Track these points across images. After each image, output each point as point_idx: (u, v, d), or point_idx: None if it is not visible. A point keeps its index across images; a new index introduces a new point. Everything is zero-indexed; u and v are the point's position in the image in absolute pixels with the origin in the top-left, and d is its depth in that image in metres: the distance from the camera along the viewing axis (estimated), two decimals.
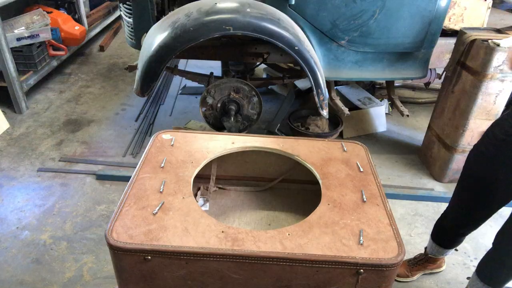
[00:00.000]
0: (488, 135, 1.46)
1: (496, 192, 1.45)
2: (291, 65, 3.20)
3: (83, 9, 4.42)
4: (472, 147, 1.54)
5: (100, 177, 2.59)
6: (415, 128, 3.32)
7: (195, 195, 1.55)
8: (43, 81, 3.74)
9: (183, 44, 2.17)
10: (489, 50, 2.17)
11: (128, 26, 2.82)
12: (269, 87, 3.82)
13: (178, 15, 2.24)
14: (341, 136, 3.08)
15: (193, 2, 2.34)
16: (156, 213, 1.11)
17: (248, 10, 2.19)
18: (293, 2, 2.37)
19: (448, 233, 1.77)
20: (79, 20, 4.36)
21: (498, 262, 1.47)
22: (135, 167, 1.31)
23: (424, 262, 1.94)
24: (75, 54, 4.34)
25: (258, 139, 1.52)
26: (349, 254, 1.00)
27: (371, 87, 3.64)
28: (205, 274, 1.04)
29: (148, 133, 3.10)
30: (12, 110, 3.31)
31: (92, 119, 3.28)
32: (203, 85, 2.90)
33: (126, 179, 2.18)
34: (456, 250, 2.07)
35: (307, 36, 2.44)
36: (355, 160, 1.41)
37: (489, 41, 2.20)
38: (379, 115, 3.21)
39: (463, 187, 1.61)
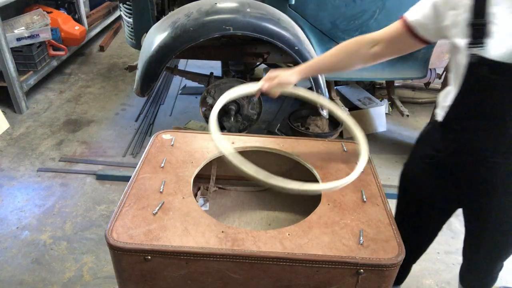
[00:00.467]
0: (416, 154, 1.33)
1: (434, 213, 1.35)
2: (291, 65, 3.20)
3: (83, 9, 4.42)
4: None
5: (100, 177, 2.58)
6: (415, 128, 3.32)
7: (195, 195, 1.55)
8: (43, 81, 3.74)
9: (183, 44, 2.17)
10: None
11: (128, 26, 2.82)
12: None
13: (178, 15, 2.24)
14: (341, 136, 3.08)
15: (193, 2, 2.34)
16: (156, 213, 1.11)
17: (248, 10, 2.19)
18: (293, 2, 2.37)
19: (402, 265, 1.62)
20: (79, 20, 4.36)
21: (472, 273, 1.43)
22: (135, 167, 1.31)
23: None
24: (75, 54, 4.34)
25: (258, 139, 1.52)
26: (349, 254, 1.00)
27: (371, 87, 3.64)
28: (205, 274, 1.04)
29: (148, 133, 3.10)
30: (12, 110, 3.31)
31: (92, 119, 3.28)
32: (203, 85, 2.91)
33: (126, 179, 2.17)
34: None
35: (307, 36, 2.43)
36: (355, 160, 1.40)
37: None
38: (379, 115, 3.21)
39: (399, 211, 1.46)
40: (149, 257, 1.01)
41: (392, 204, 1.30)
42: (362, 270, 0.99)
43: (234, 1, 2.25)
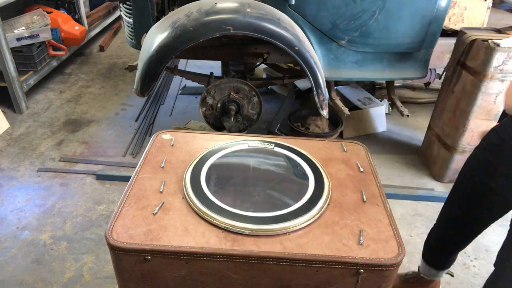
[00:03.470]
0: (484, 141, 1.37)
1: (489, 203, 1.36)
2: (291, 65, 3.20)
3: (83, 9, 4.42)
4: (472, 147, 1.49)
5: (100, 177, 2.59)
6: (415, 128, 3.32)
7: None
8: (43, 81, 3.74)
9: (183, 44, 2.17)
10: (489, 50, 2.17)
11: (128, 26, 2.82)
12: (269, 87, 3.82)
13: (178, 15, 2.24)
14: (341, 136, 3.08)
15: (193, 2, 2.34)
16: (156, 213, 1.11)
17: (248, 10, 2.19)
18: (293, 2, 2.37)
19: (438, 251, 1.65)
20: (79, 20, 4.36)
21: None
22: (135, 167, 1.31)
23: (415, 282, 1.79)
24: (75, 54, 4.35)
25: (258, 139, 1.52)
26: (349, 254, 1.00)
27: (371, 87, 3.64)
28: (205, 274, 1.04)
29: (148, 133, 3.10)
30: (12, 110, 3.31)
31: (92, 119, 3.28)
32: (203, 85, 2.91)
33: (126, 179, 2.18)
34: (452, 275, 1.85)
35: (307, 36, 2.44)
36: (355, 160, 1.40)
37: (489, 41, 2.20)
38: (379, 115, 3.21)
39: (454, 197, 1.51)
40: (149, 257, 1.01)
41: (392, 204, 1.31)
42: (362, 270, 0.99)
43: (234, 1, 2.25)
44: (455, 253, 1.64)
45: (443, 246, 1.62)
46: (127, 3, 2.71)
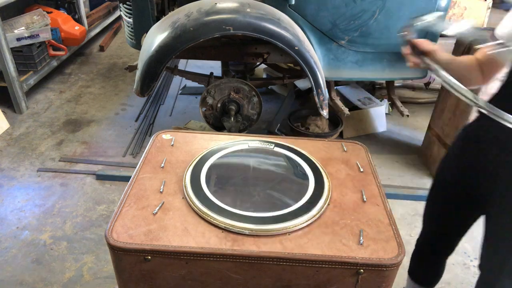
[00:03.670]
0: (455, 138, 1.38)
1: (458, 197, 1.35)
2: (291, 65, 3.20)
3: (83, 9, 4.42)
4: None
5: (100, 177, 2.59)
6: (415, 128, 3.32)
7: None
8: (43, 81, 3.74)
9: (183, 44, 2.17)
10: None
11: (128, 26, 2.82)
12: (269, 87, 3.82)
13: (178, 15, 2.24)
14: (341, 136, 3.08)
15: (193, 2, 2.34)
16: (156, 213, 1.11)
17: (248, 10, 2.19)
18: (293, 2, 2.37)
19: (425, 255, 1.59)
20: (79, 20, 4.36)
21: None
22: (135, 167, 1.31)
23: None
24: (75, 54, 4.34)
25: (258, 139, 1.52)
26: (349, 254, 1.00)
27: (371, 87, 3.64)
28: (205, 274, 1.04)
29: (148, 133, 3.10)
30: (12, 110, 3.31)
31: (92, 119, 3.28)
32: (203, 85, 2.91)
33: (126, 179, 2.18)
34: None
35: (307, 36, 2.44)
36: (355, 160, 1.40)
37: None
38: (379, 115, 3.21)
39: (432, 191, 1.48)
40: (149, 257, 1.01)
41: (392, 204, 1.31)
42: (362, 270, 0.99)
43: (234, 1, 2.25)
44: (442, 255, 1.58)
45: (430, 251, 1.58)
46: (127, 3, 2.71)
